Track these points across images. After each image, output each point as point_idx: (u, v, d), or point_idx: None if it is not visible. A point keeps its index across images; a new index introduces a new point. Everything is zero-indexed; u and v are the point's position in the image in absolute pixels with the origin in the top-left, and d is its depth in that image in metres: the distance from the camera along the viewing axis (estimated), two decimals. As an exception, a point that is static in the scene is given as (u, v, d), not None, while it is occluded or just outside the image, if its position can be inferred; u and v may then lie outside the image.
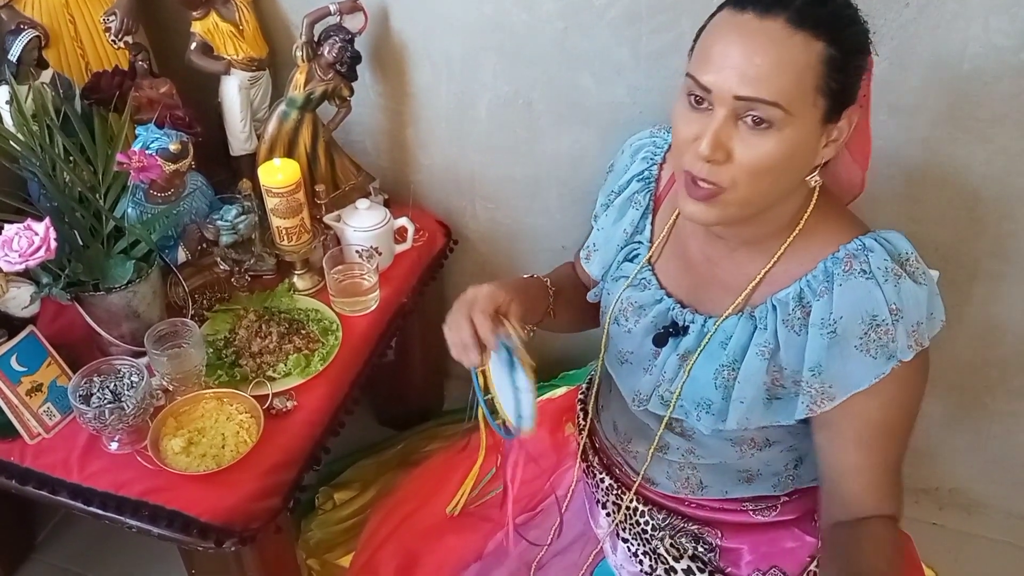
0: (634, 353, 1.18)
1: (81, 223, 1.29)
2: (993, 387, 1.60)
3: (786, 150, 0.93)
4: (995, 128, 1.30)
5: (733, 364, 1.07)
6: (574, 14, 1.42)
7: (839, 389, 1.01)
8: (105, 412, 1.19)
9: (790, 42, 0.89)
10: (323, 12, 1.47)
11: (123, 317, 1.31)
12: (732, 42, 0.91)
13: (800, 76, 0.90)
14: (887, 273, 0.98)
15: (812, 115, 0.93)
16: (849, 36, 0.93)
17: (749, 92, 0.90)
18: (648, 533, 1.26)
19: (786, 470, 1.19)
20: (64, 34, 1.52)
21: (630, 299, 1.18)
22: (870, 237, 1.01)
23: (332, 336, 1.42)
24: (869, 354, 0.99)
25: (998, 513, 1.77)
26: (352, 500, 1.63)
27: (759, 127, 0.91)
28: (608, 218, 1.24)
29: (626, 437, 1.26)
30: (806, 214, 1.04)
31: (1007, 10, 1.20)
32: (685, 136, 0.96)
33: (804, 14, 0.90)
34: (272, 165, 1.44)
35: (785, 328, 1.03)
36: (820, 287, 1.01)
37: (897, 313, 0.98)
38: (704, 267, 1.12)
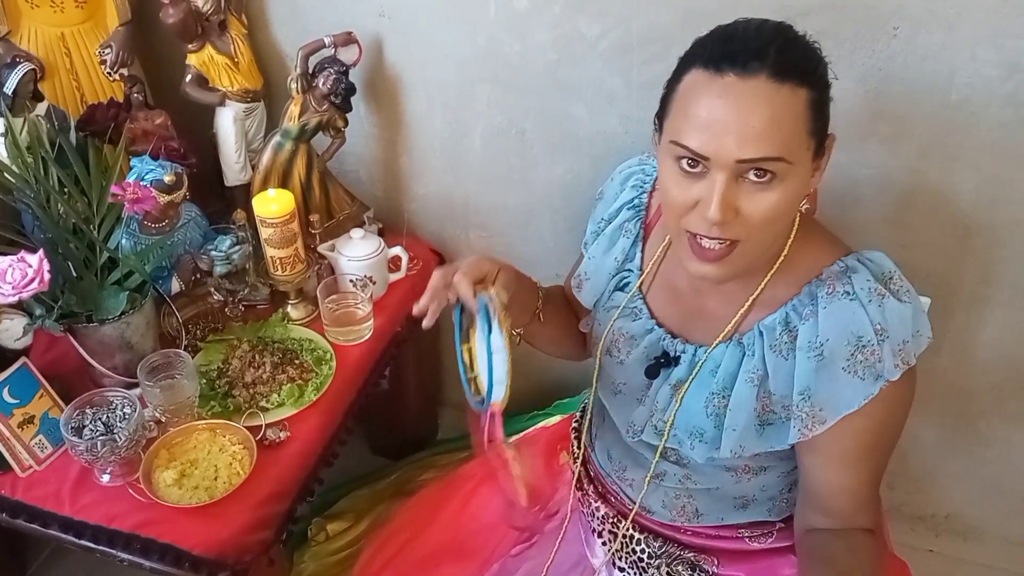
0: (627, 384, 1.19)
1: (75, 254, 1.29)
2: (988, 413, 1.60)
3: (790, 196, 0.93)
4: (984, 156, 1.31)
5: (723, 392, 1.07)
6: (566, 45, 1.43)
7: (829, 412, 1.01)
8: (97, 444, 1.18)
9: (778, 96, 0.89)
10: (318, 44, 1.49)
11: (116, 348, 1.31)
12: (720, 107, 0.90)
13: (795, 125, 0.91)
14: (871, 294, 0.99)
15: (807, 156, 0.94)
16: (821, 74, 0.94)
17: (752, 154, 0.89)
18: (644, 562, 1.25)
19: (781, 495, 1.19)
20: (60, 67, 1.53)
21: (621, 330, 1.18)
22: (852, 258, 1.02)
23: (326, 366, 1.42)
24: (857, 375, 0.99)
25: (994, 539, 1.77)
26: (345, 531, 1.62)
27: (762, 180, 0.91)
28: (599, 247, 1.24)
29: (621, 465, 1.26)
30: (789, 240, 1.04)
31: (993, 40, 1.21)
32: (683, 201, 0.95)
33: (784, 65, 0.89)
34: (266, 195, 1.44)
35: (773, 354, 1.04)
36: (805, 310, 1.01)
37: (882, 333, 0.98)
38: (692, 297, 1.13)
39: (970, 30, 1.21)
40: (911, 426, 1.71)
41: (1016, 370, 1.52)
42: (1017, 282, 1.42)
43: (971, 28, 1.21)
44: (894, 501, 1.79)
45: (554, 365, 1.87)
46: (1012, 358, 1.51)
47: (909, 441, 1.70)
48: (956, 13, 1.21)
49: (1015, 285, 1.43)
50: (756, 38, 0.91)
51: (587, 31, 1.41)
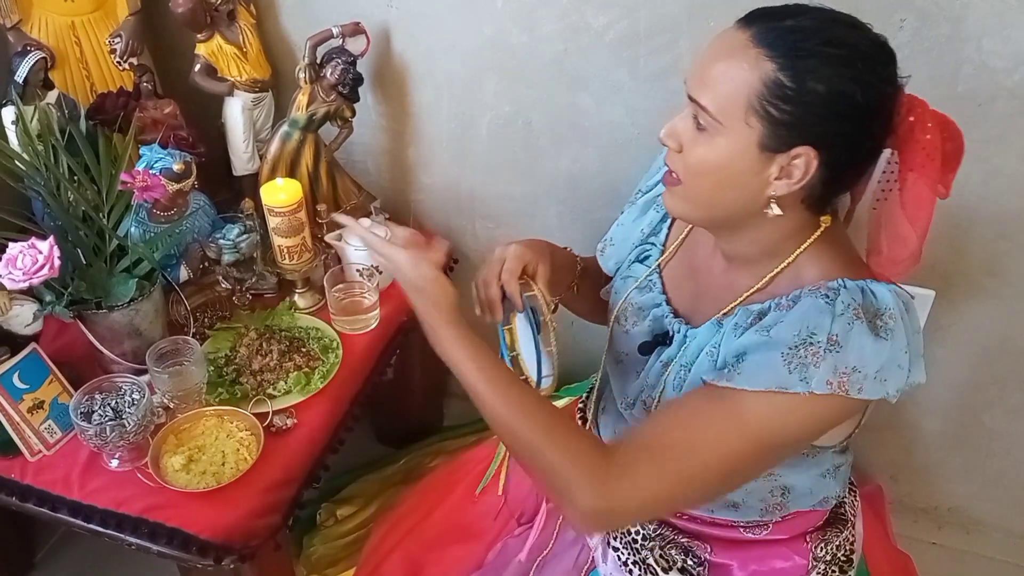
0: (628, 355, 1.19)
1: (84, 242, 1.30)
2: (991, 405, 1.61)
3: (718, 159, 0.94)
4: (990, 149, 1.31)
5: (688, 365, 1.06)
6: (573, 36, 1.43)
7: (741, 379, 0.95)
8: (106, 429, 1.20)
9: (743, 55, 0.89)
10: (326, 35, 1.49)
11: (125, 335, 1.32)
12: (707, 47, 0.94)
13: (736, 89, 0.89)
14: (847, 309, 0.93)
15: (744, 134, 0.91)
16: (808, 68, 0.88)
17: (695, 95, 0.93)
18: (638, 543, 1.25)
19: (772, 497, 1.16)
20: (70, 55, 1.54)
21: (633, 300, 1.19)
22: (858, 282, 0.97)
23: (332, 354, 1.43)
24: (787, 365, 0.93)
25: (997, 532, 1.77)
26: (354, 515, 1.63)
27: (700, 131, 0.94)
28: (630, 214, 1.25)
29: None
30: (800, 248, 1.01)
31: (1000, 32, 1.21)
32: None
33: (768, 34, 0.89)
34: (274, 185, 1.45)
35: (732, 330, 1.01)
36: (786, 304, 0.98)
37: (834, 344, 0.92)
38: (704, 278, 1.13)
39: (976, 22, 1.21)
40: (914, 417, 1.73)
41: (1019, 363, 1.53)
42: (1021, 273, 1.42)
43: (977, 20, 1.21)
44: (897, 493, 1.79)
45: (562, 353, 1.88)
46: (1015, 350, 1.51)
47: (912, 433, 1.71)
48: (962, 5, 1.21)
49: (1019, 277, 1.43)
50: (785, 10, 0.92)
51: (594, 22, 1.41)
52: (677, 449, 0.97)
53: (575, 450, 0.97)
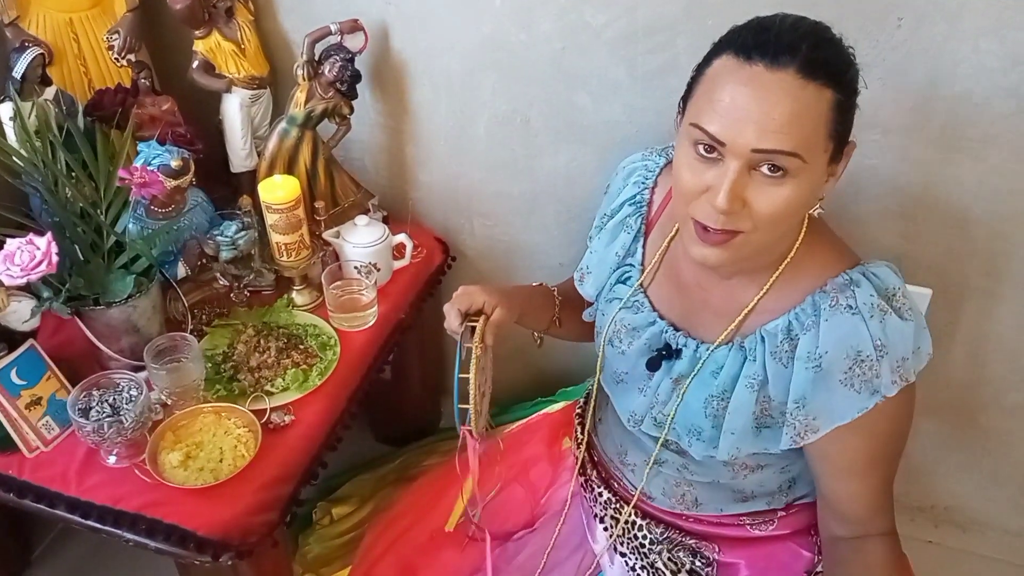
0: (629, 374, 1.20)
1: (82, 238, 1.30)
2: (987, 405, 1.61)
3: (801, 195, 0.93)
4: (987, 148, 1.32)
5: (723, 395, 1.08)
6: (572, 34, 1.43)
7: (823, 422, 1.02)
8: (104, 426, 1.20)
9: (803, 93, 0.89)
10: (324, 32, 1.49)
11: (123, 331, 1.32)
12: (744, 95, 0.90)
13: (816, 124, 0.91)
14: (873, 309, 0.99)
15: (823, 159, 0.94)
16: (850, 77, 0.93)
17: (769, 145, 0.89)
18: (646, 547, 1.26)
19: (780, 490, 1.20)
20: (68, 52, 1.54)
21: (624, 321, 1.19)
22: (858, 271, 1.02)
23: (330, 351, 1.43)
24: (853, 388, 1.00)
25: (994, 531, 1.78)
26: (350, 515, 1.63)
27: (774, 175, 0.91)
28: (601, 241, 1.25)
29: (622, 450, 1.27)
30: (796, 243, 1.04)
31: (996, 32, 1.21)
32: (694, 187, 0.96)
33: (814, 63, 0.89)
34: (272, 182, 1.45)
35: (773, 360, 1.04)
36: (808, 321, 1.02)
37: (882, 349, 0.98)
38: (696, 292, 1.13)
39: (973, 22, 1.22)
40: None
41: (1015, 362, 1.53)
42: (1018, 274, 1.43)
43: (974, 20, 1.21)
44: (894, 492, 1.79)
45: (556, 355, 1.88)
46: (1012, 350, 1.52)
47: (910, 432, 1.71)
48: (959, 5, 1.21)
49: (1016, 277, 1.43)
50: (791, 32, 0.91)
51: (592, 20, 1.41)
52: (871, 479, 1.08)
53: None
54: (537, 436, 1.51)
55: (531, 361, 1.92)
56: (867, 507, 1.09)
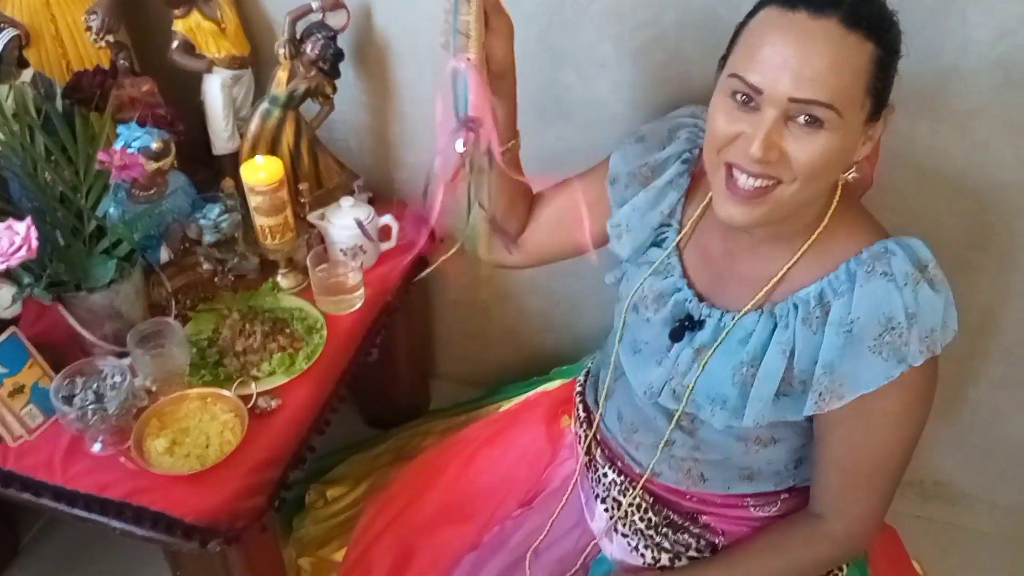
0: (649, 344, 1.18)
1: (63, 223, 1.28)
2: (976, 378, 1.62)
3: (836, 149, 0.93)
4: (974, 121, 1.31)
5: (753, 361, 1.07)
6: (557, 10, 1.42)
7: (848, 388, 1.02)
8: (88, 413, 1.18)
9: (844, 42, 0.89)
10: (305, 9, 1.47)
11: (105, 317, 1.31)
12: (785, 42, 0.90)
13: (855, 77, 0.90)
14: (907, 277, 0.99)
15: (859, 116, 0.94)
16: (892, 36, 0.94)
17: (806, 94, 0.89)
18: (649, 530, 1.26)
19: (786, 469, 1.19)
20: (45, 33, 1.51)
21: (651, 287, 1.17)
22: (892, 241, 1.02)
23: (317, 335, 1.42)
24: (881, 356, 1.00)
25: (983, 505, 1.79)
26: (344, 495, 1.62)
27: (811, 126, 0.91)
28: (646, 199, 1.20)
29: (631, 427, 1.26)
30: (829, 212, 1.04)
31: (984, 3, 1.21)
32: (727, 132, 0.95)
33: (857, 14, 0.89)
34: (255, 163, 1.43)
35: (804, 327, 1.04)
36: (842, 287, 1.02)
37: (913, 318, 0.99)
38: (723, 261, 1.12)
39: (962, -7, 1.21)
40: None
41: (1003, 335, 1.53)
42: (1003, 246, 1.43)
43: (963, -9, 1.21)
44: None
45: (550, 334, 1.88)
46: (998, 323, 1.52)
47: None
48: (948, -24, 1.20)
49: (1001, 249, 1.43)
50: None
51: (578, -4, 1.39)
52: (866, 472, 1.09)
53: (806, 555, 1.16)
54: (535, 414, 1.50)
55: (523, 343, 1.91)
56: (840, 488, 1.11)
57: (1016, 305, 1.49)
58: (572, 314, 1.83)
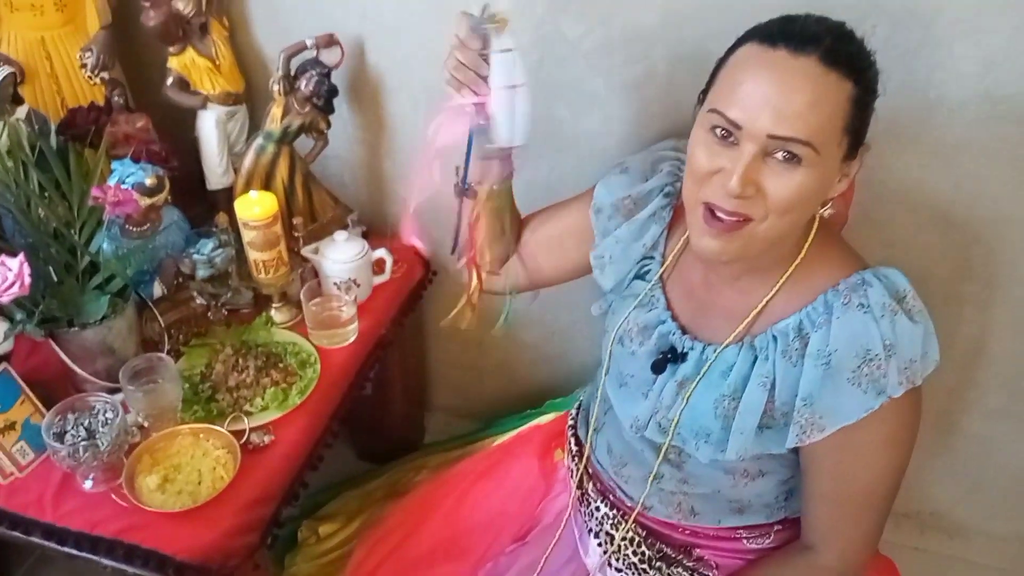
0: (635, 377, 1.18)
1: (56, 259, 1.28)
2: (970, 409, 1.61)
3: (813, 185, 0.94)
4: (962, 153, 1.32)
5: (734, 394, 1.07)
6: (549, 45, 1.43)
7: (829, 421, 1.02)
8: (79, 450, 1.17)
9: (824, 81, 0.90)
10: (300, 46, 1.48)
11: (98, 353, 1.30)
12: (765, 79, 0.91)
13: (833, 115, 0.91)
14: (884, 309, 0.99)
15: (836, 153, 0.95)
16: (871, 76, 0.95)
17: (785, 131, 0.90)
18: (643, 564, 1.25)
19: (777, 502, 1.19)
20: (40, 71, 1.52)
21: (636, 320, 1.18)
22: (870, 272, 1.02)
23: (310, 369, 1.41)
24: (860, 388, 1.00)
25: (979, 536, 1.78)
26: (337, 532, 1.61)
27: (789, 162, 0.92)
28: (628, 230, 1.20)
29: (621, 461, 1.26)
30: (807, 244, 1.05)
31: (971, 37, 1.22)
32: (707, 167, 0.96)
33: (837, 52, 0.91)
34: (249, 198, 1.43)
35: (783, 359, 1.04)
36: (820, 319, 1.02)
37: (890, 349, 0.99)
38: (705, 294, 1.13)
39: (948, 27, 1.22)
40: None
41: (997, 366, 1.54)
42: (994, 278, 1.43)
43: (949, 25, 1.22)
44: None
45: (543, 366, 1.87)
46: (992, 355, 1.52)
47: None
48: (934, 10, 1.22)
49: (992, 281, 1.44)
50: (817, 25, 0.94)
51: (569, 32, 1.41)
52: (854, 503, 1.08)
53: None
54: (529, 448, 1.50)
55: (517, 376, 1.91)
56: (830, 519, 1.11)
57: (1007, 336, 1.50)
58: (566, 346, 1.83)
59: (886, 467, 1.06)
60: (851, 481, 1.07)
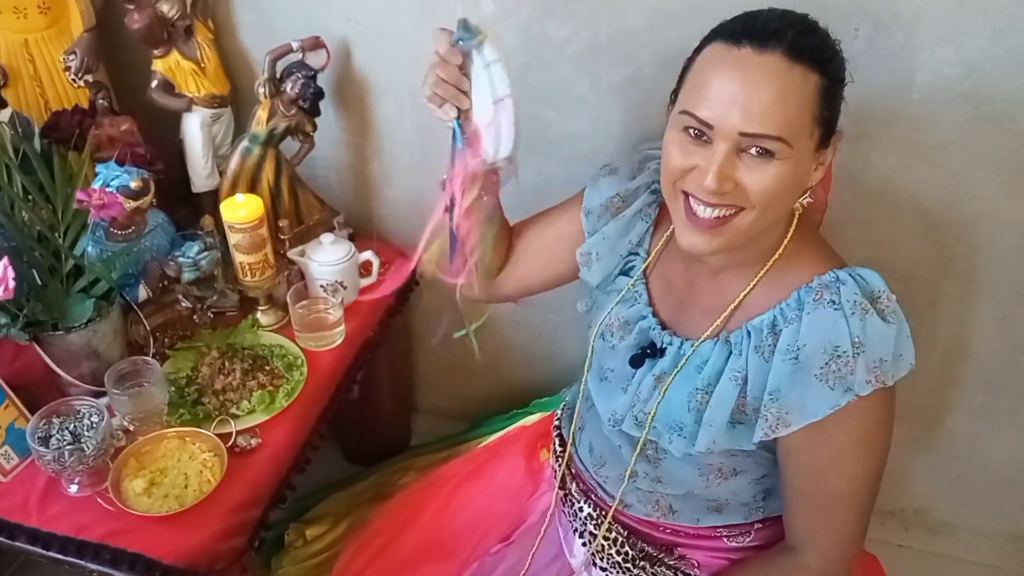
0: (615, 371, 1.19)
1: (40, 262, 1.27)
2: (954, 407, 1.63)
3: (789, 176, 0.95)
4: (945, 154, 1.33)
5: (707, 388, 1.08)
6: (535, 48, 1.44)
7: (795, 416, 1.02)
8: (64, 454, 1.17)
9: (789, 75, 0.91)
10: (285, 49, 1.48)
11: (83, 356, 1.29)
12: (732, 78, 0.92)
13: (801, 108, 0.92)
14: (855, 307, 1.00)
15: (809, 144, 0.96)
16: (836, 65, 0.96)
17: (755, 128, 0.91)
18: (627, 563, 1.25)
19: (755, 501, 1.20)
20: (23, 73, 1.51)
21: (618, 315, 1.19)
22: (845, 271, 1.03)
23: (297, 372, 1.41)
24: (827, 384, 1.00)
25: (963, 532, 1.79)
26: (324, 535, 1.61)
27: (763, 156, 0.93)
28: (615, 227, 1.22)
29: (600, 460, 1.27)
30: (786, 240, 1.06)
31: (952, 40, 1.23)
32: (682, 165, 0.98)
33: (800, 46, 0.92)
34: (235, 201, 1.43)
35: (756, 355, 1.05)
36: (792, 315, 1.02)
37: (859, 347, 0.99)
38: (685, 289, 1.14)
39: (930, 30, 1.24)
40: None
41: (980, 364, 1.55)
42: (977, 277, 1.45)
43: (931, 28, 1.23)
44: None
45: (529, 366, 1.88)
46: (975, 353, 1.54)
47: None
48: (916, 13, 1.23)
49: (975, 280, 1.45)
50: (779, 20, 0.94)
51: (555, 34, 1.41)
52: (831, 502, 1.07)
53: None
54: (515, 448, 1.50)
55: (504, 376, 1.91)
56: (808, 519, 1.11)
57: (989, 334, 1.51)
58: (552, 347, 1.83)
59: (861, 467, 1.06)
60: (825, 480, 1.07)
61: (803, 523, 1.12)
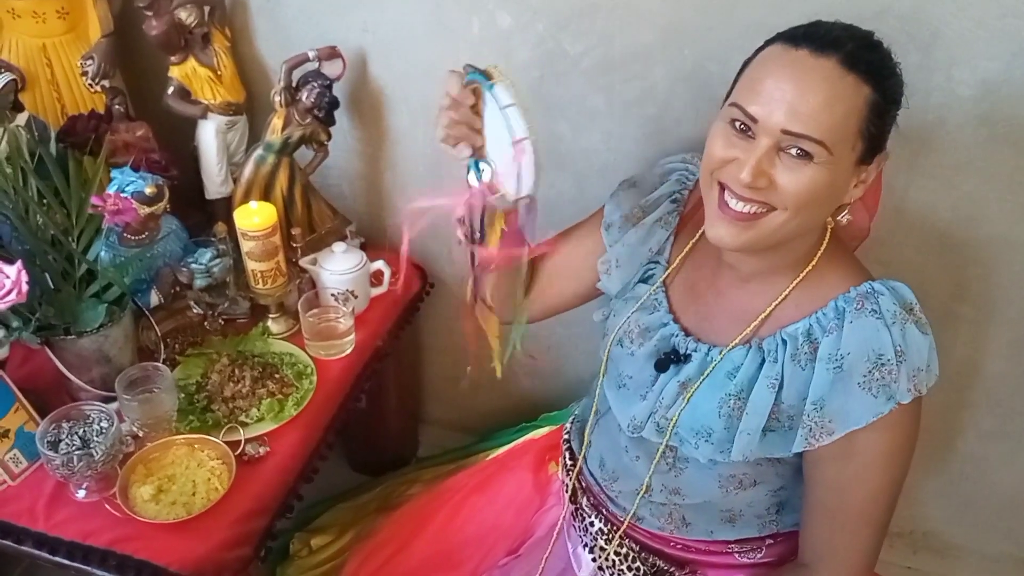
0: (633, 378, 1.18)
1: (53, 266, 1.28)
2: (964, 430, 1.62)
3: (825, 184, 0.95)
4: (960, 175, 1.33)
5: (740, 394, 1.07)
6: (549, 63, 1.44)
7: (838, 424, 1.02)
8: (73, 459, 1.17)
9: (842, 83, 0.92)
10: (302, 58, 1.49)
11: (94, 361, 1.30)
12: (784, 76, 0.93)
13: (847, 117, 0.93)
14: (895, 316, 1.01)
15: (850, 156, 0.96)
16: (892, 85, 0.97)
17: (798, 128, 0.92)
18: None
19: (768, 513, 1.19)
20: (41, 77, 1.52)
21: (638, 321, 1.19)
22: (880, 283, 1.04)
23: (306, 380, 1.41)
24: (871, 392, 1.01)
25: (972, 555, 1.78)
26: (329, 545, 1.61)
27: (801, 158, 0.94)
28: (636, 235, 1.23)
29: (612, 476, 1.26)
30: (819, 252, 1.07)
31: (968, 62, 1.23)
32: (723, 156, 0.99)
33: (857, 57, 0.93)
34: (248, 208, 1.43)
35: (792, 363, 1.05)
36: (830, 324, 1.03)
37: (902, 355, 1.00)
38: (711, 297, 1.14)
39: (946, 51, 1.24)
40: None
41: (991, 387, 1.54)
42: (990, 299, 1.44)
43: (947, 49, 1.23)
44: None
45: (539, 380, 1.87)
46: (987, 375, 1.53)
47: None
48: (932, 35, 1.23)
49: (990, 302, 1.45)
50: (842, 31, 0.96)
51: (570, 49, 1.42)
52: (852, 516, 1.08)
53: None
54: (523, 461, 1.49)
55: (512, 389, 1.91)
56: (829, 533, 1.10)
57: (1001, 357, 1.51)
58: (561, 361, 1.83)
59: (885, 480, 1.06)
60: (850, 492, 1.07)
61: (821, 538, 1.11)
